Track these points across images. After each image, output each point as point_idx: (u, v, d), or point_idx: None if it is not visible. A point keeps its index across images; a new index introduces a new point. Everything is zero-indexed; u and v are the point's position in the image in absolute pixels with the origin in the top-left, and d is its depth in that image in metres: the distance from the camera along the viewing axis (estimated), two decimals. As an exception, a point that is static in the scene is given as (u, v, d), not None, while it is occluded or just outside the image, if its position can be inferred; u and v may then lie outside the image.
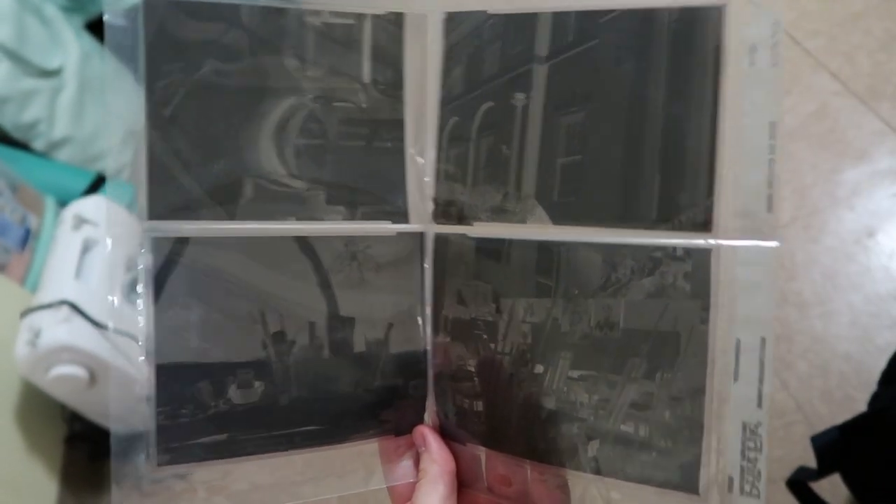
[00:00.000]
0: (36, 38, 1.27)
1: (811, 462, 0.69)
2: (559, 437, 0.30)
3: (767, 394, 0.26)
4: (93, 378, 0.95)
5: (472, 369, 0.33)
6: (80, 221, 1.04)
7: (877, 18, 1.14)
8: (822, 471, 0.67)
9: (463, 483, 0.34)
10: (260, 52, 0.32)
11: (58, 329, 0.90)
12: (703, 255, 0.28)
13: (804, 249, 0.99)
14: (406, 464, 0.34)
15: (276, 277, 0.33)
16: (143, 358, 0.31)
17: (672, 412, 0.28)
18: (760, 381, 0.27)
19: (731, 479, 0.27)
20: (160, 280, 0.31)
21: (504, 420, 0.32)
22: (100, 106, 1.37)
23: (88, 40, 1.43)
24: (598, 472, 0.30)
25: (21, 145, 1.29)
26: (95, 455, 1.13)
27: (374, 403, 0.34)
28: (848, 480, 0.69)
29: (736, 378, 0.27)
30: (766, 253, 0.28)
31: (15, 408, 1.00)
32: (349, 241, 0.34)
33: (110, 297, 0.97)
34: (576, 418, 0.30)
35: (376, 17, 0.33)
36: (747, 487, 0.26)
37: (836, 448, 0.65)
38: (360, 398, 0.34)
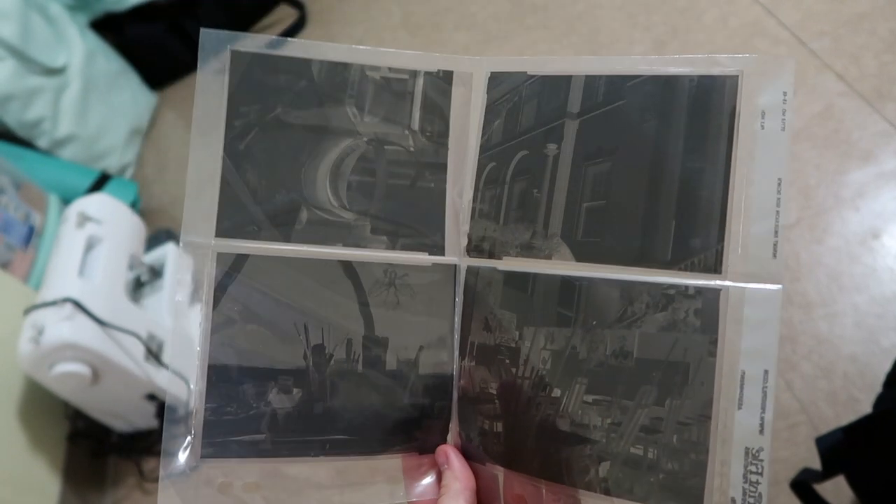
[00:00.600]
0: (41, 37, 1.30)
1: (815, 463, 0.67)
2: (572, 458, 0.32)
3: (769, 421, 0.29)
4: (95, 375, 0.96)
5: (494, 392, 0.35)
6: (84, 219, 1.04)
7: (882, 19, 1.14)
8: (827, 472, 0.66)
9: (481, 502, 0.35)
10: (325, 100, 0.37)
11: (61, 326, 0.91)
12: (713, 294, 0.31)
13: (808, 250, 0.97)
14: (428, 481, 0.36)
15: (320, 296, 0.36)
16: (197, 361, 0.34)
17: (679, 436, 0.30)
18: (763, 409, 0.29)
19: (733, 500, 0.29)
20: (220, 290, 0.35)
21: (522, 441, 0.34)
22: (104, 104, 1.38)
23: (93, 39, 1.46)
24: (607, 492, 0.31)
25: (25, 143, 1.31)
26: (98, 452, 1.13)
27: (402, 420, 0.36)
28: (852, 482, 0.67)
29: (740, 406, 0.29)
30: (771, 295, 0.30)
31: (18, 405, 1.00)
32: (389, 268, 0.37)
33: (113, 295, 0.99)
34: (589, 440, 0.32)
35: (428, 73, 0.38)
36: (748, 509, 0.28)
37: (840, 450, 0.64)
38: (389, 414, 0.36)
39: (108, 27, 1.56)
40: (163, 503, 0.33)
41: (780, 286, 0.30)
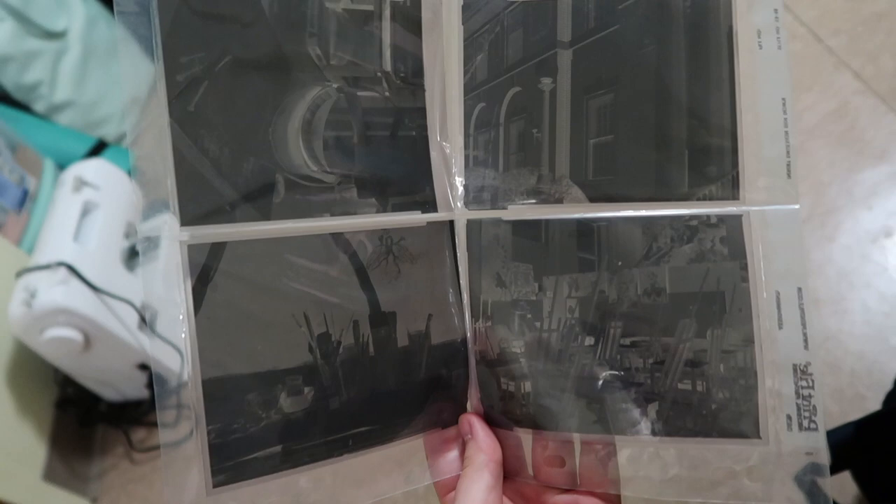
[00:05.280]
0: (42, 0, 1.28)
1: None
2: (616, 405, 0.32)
3: (812, 336, 0.30)
4: (87, 342, 0.96)
5: (518, 350, 0.34)
6: (81, 184, 1.03)
7: (901, 18, 1.15)
8: (835, 467, 0.68)
9: (508, 472, 0.35)
10: (282, 39, 0.32)
11: (54, 290, 0.91)
12: (736, 220, 0.32)
13: (820, 247, 1.00)
14: (452, 456, 0.35)
15: (315, 277, 0.32)
16: (188, 374, 0.29)
17: (726, 365, 0.31)
18: (803, 325, 0.30)
19: (789, 418, 0.30)
20: (199, 290, 0.30)
21: (555, 397, 0.34)
22: (103, 72, 1.38)
23: (94, 4, 1.44)
24: (659, 432, 0.32)
25: (22, 106, 1.28)
26: (86, 420, 1.13)
27: (421, 397, 0.34)
28: (859, 478, 0.69)
29: (781, 326, 0.31)
30: (790, 215, 0.32)
31: (6, 368, 1.00)
32: (384, 234, 0.34)
33: (108, 262, 0.99)
34: (632, 384, 0.32)
35: (395, 2, 0.33)
36: (805, 423, 0.30)
37: (850, 445, 0.66)
38: (407, 393, 0.34)
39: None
40: None
41: (797, 206, 0.32)
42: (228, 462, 0.30)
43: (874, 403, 0.77)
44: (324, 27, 0.33)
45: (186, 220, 0.30)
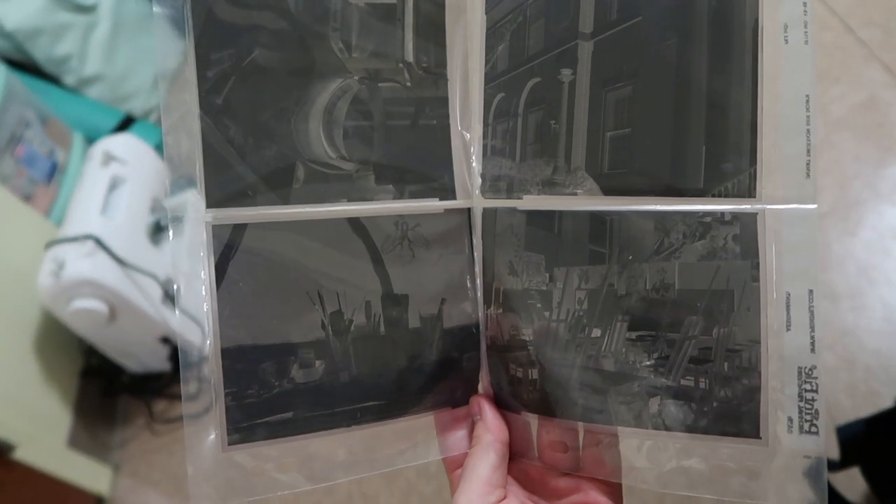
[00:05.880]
0: (72, -27, 1.34)
1: (831, 452, 0.70)
2: (620, 397, 0.33)
3: (819, 339, 0.30)
4: (113, 314, 1.00)
5: (527, 338, 0.35)
6: (109, 158, 1.08)
7: (938, 14, 1.12)
8: (844, 462, 0.68)
9: (515, 453, 0.36)
10: (306, 35, 0.34)
11: (81, 262, 0.95)
12: (750, 218, 0.32)
13: (841, 241, 0.99)
14: (461, 434, 0.36)
15: (331, 258, 0.34)
16: (208, 342, 0.31)
17: (730, 364, 0.31)
18: (811, 328, 0.30)
19: (790, 420, 0.30)
20: (221, 266, 0.33)
21: (561, 385, 0.34)
22: (132, 46, 1.44)
23: None
24: (659, 427, 0.32)
25: (52, 79, 1.33)
26: (109, 391, 1.18)
27: (431, 377, 0.35)
28: (868, 474, 0.69)
29: (788, 328, 0.31)
30: (807, 215, 0.32)
31: (34, 336, 1.04)
32: (399, 220, 0.35)
33: (134, 236, 1.03)
34: (636, 377, 0.33)
35: None
36: (806, 426, 0.30)
37: (860, 440, 0.66)
38: (417, 373, 0.35)
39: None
40: (195, 496, 0.32)
41: (815, 206, 0.32)
42: (243, 424, 0.32)
43: (888, 400, 0.75)
44: (346, 21, 0.34)
45: (212, 203, 0.32)
